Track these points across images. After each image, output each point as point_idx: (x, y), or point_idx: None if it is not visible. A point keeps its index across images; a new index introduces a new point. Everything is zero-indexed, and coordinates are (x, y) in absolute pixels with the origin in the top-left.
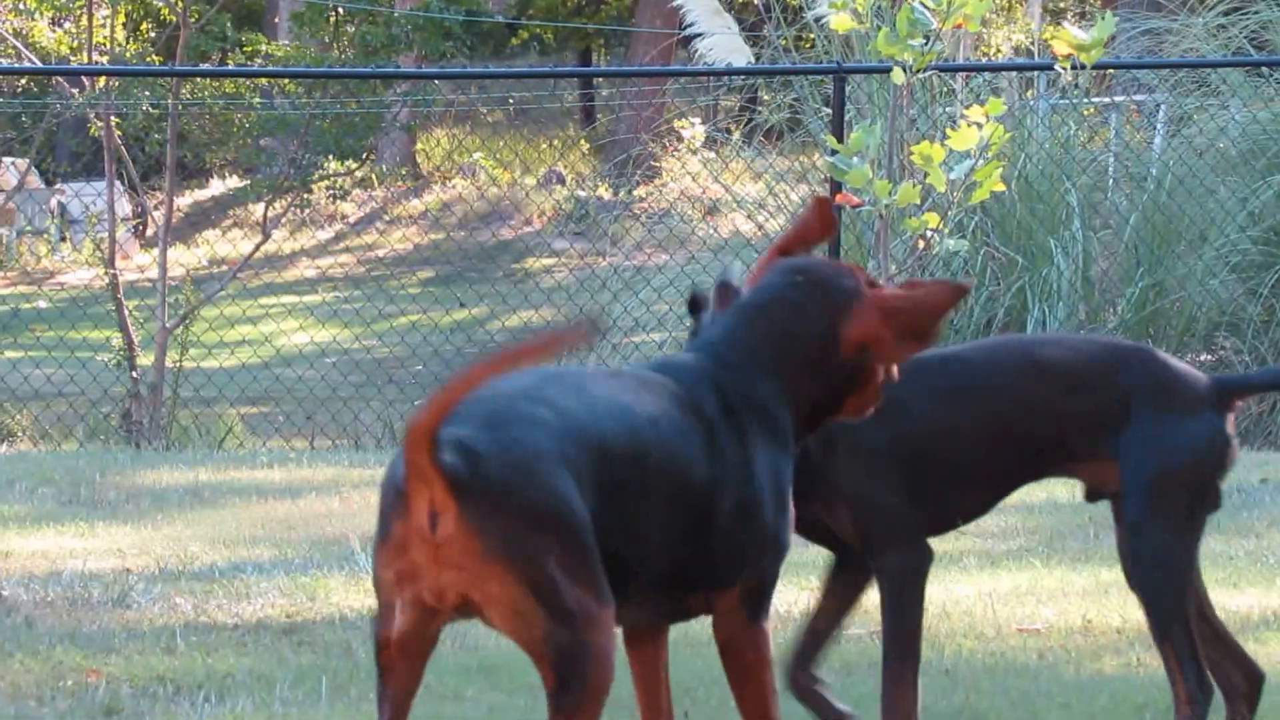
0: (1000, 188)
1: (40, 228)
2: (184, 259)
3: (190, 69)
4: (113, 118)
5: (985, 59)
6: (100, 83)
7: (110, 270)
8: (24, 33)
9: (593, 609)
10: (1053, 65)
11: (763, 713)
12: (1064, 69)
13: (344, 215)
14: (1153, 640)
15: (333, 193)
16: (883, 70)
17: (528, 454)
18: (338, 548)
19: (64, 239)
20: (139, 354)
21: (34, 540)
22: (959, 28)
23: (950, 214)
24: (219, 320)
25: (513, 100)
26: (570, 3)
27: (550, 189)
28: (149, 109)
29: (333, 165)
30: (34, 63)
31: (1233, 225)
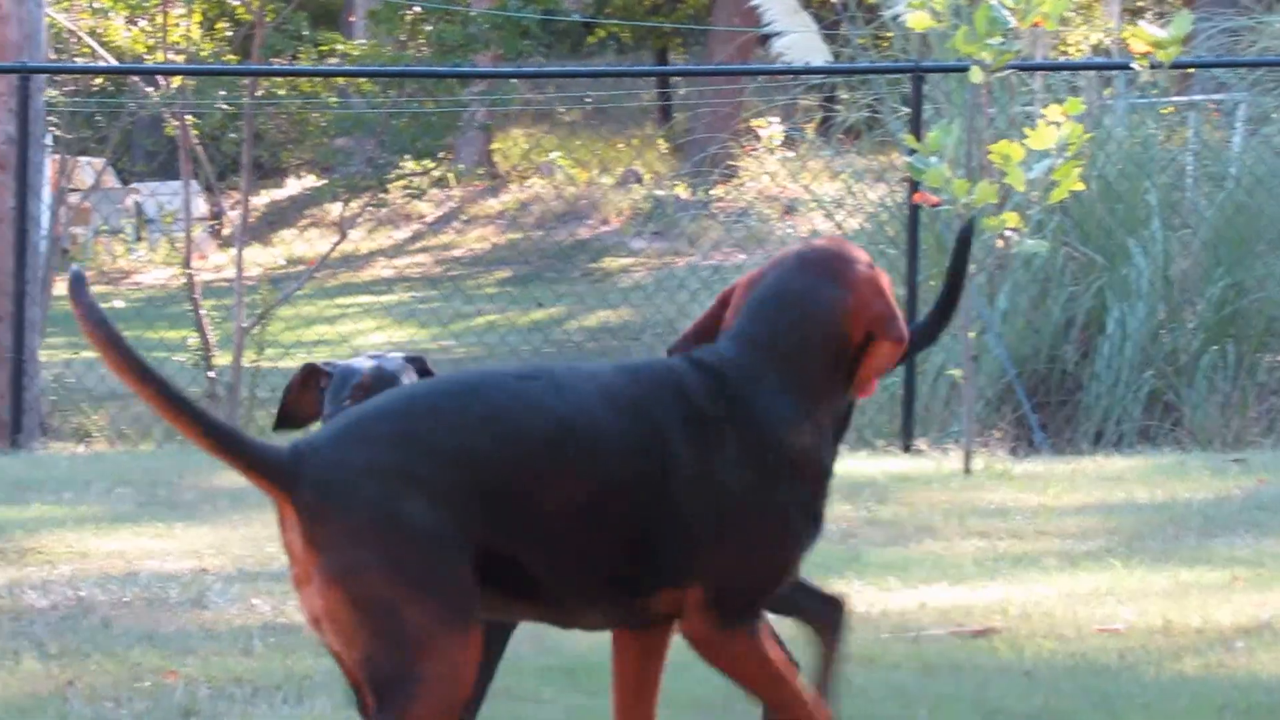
0: (1079, 187)
1: (116, 227)
2: (260, 258)
3: (266, 68)
4: (188, 117)
5: (1063, 58)
6: (176, 82)
7: (186, 270)
8: (99, 31)
9: (430, 633)
10: (1131, 64)
11: (776, 700)
12: (1142, 67)
13: (421, 215)
14: None
15: (409, 192)
16: (961, 69)
17: (356, 467)
18: None
19: (140, 239)
20: (215, 354)
21: (111, 541)
22: (1037, 26)
23: (1029, 213)
24: (295, 320)
25: (590, 99)
26: (647, 1)
27: (628, 188)
28: (225, 108)
29: (409, 165)
30: (109, 62)
31: None
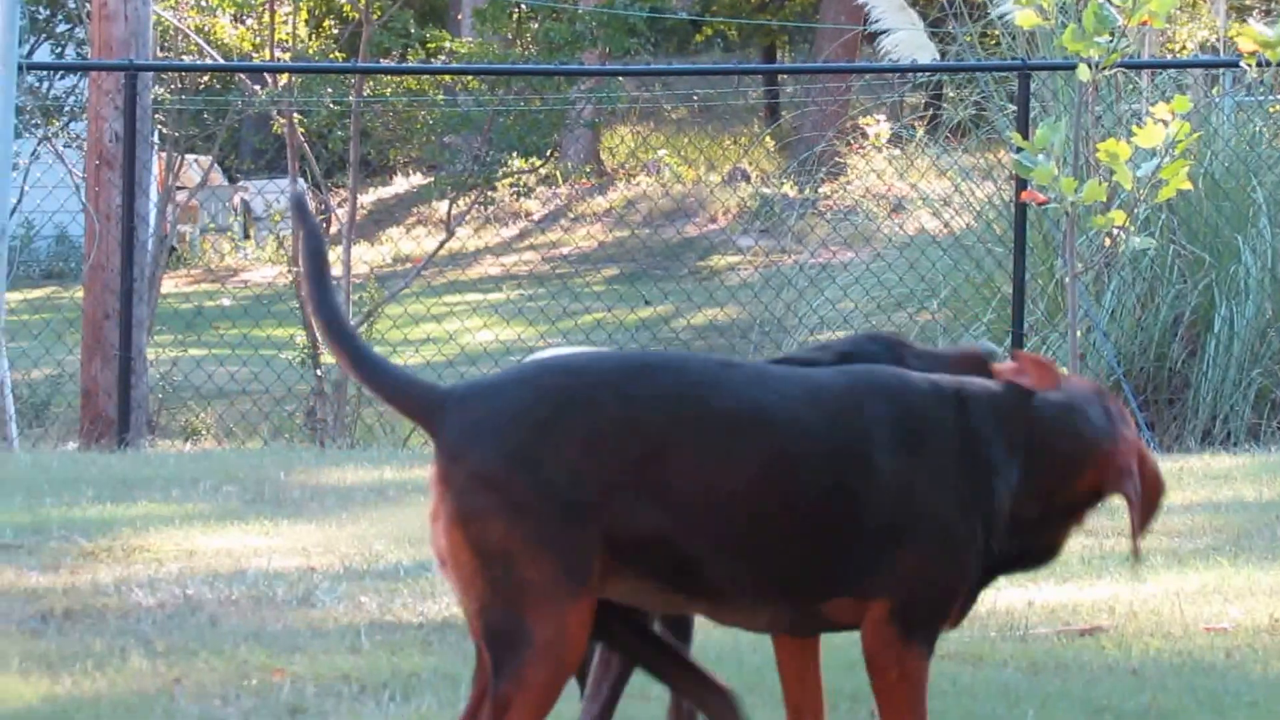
0: (1187, 185)
1: (223, 225)
2: (368, 256)
3: (373, 66)
4: (295, 115)
5: (1169, 55)
6: (283, 80)
7: (294, 268)
8: (206, 30)
9: (543, 593)
10: (1239, 62)
11: None
12: (1249, 65)
13: (528, 212)
14: None
15: (517, 190)
16: (1068, 67)
17: (504, 410)
18: None
19: (247, 236)
20: (323, 352)
21: (218, 538)
22: (1144, 24)
23: (1137, 211)
24: (403, 318)
25: (697, 97)
26: None
27: (735, 186)
28: (332, 106)
29: (517, 162)
30: (216, 60)
31: None
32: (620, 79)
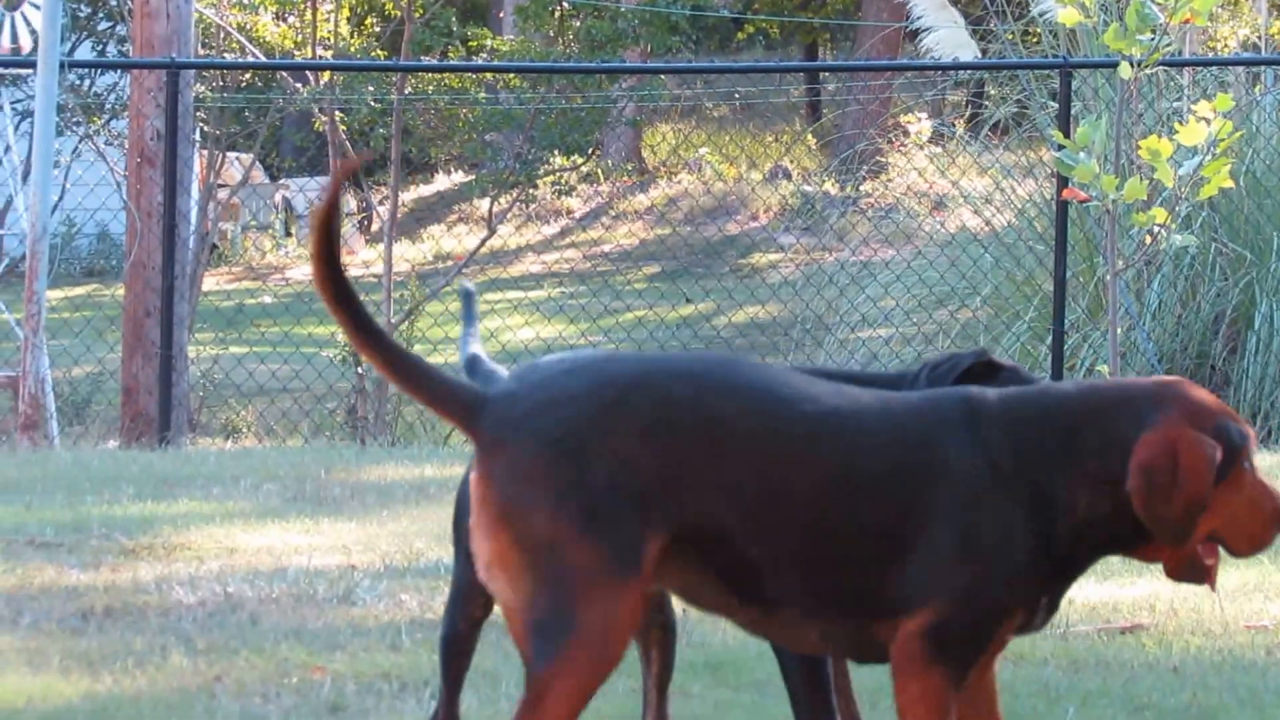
0: (1229, 184)
1: (265, 223)
2: (409, 254)
3: (415, 64)
4: (337, 113)
5: (1211, 53)
6: (324, 77)
7: None
8: (248, 28)
9: (589, 579)
10: None
11: None
12: None
13: (570, 210)
14: None
15: (558, 188)
16: (1110, 65)
17: (548, 398)
18: None
19: (289, 234)
20: None
21: (259, 536)
22: (1187, 22)
23: (1178, 209)
24: (444, 316)
25: (738, 95)
26: None
27: (776, 184)
28: (373, 104)
29: (558, 160)
30: (258, 57)
31: None
32: (662, 77)
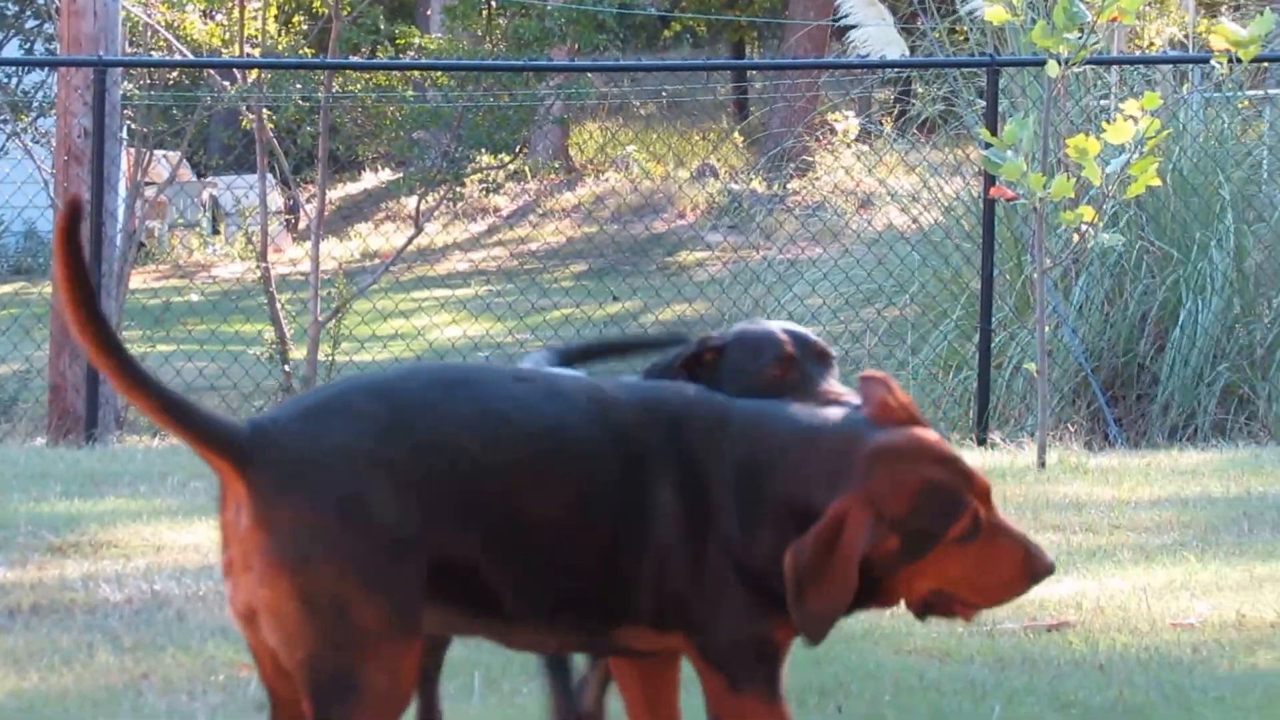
0: (1156, 182)
1: (192, 221)
2: (336, 252)
3: (342, 62)
4: (264, 111)
5: (1138, 52)
6: (252, 75)
7: (262, 264)
8: (176, 25)
9: (376, 637)
10: (1208, 59)
11: None
12: (1220, 63)
13: (497, 208)
14: None
15: (485, 186)
16: (1037, 63)
17: (326, 447)
18: None
19: (216, 232)
20: (291, 348)
21: (186, 534)
22: (1114, 20)
23: (1105, 207)
24: (371, 314)
25: (666, 93)
26: None
27: (703, 182)
28: (300, 102)
29: (485, 159)
30: (186, 55)
31: None
32: (589, 75)
